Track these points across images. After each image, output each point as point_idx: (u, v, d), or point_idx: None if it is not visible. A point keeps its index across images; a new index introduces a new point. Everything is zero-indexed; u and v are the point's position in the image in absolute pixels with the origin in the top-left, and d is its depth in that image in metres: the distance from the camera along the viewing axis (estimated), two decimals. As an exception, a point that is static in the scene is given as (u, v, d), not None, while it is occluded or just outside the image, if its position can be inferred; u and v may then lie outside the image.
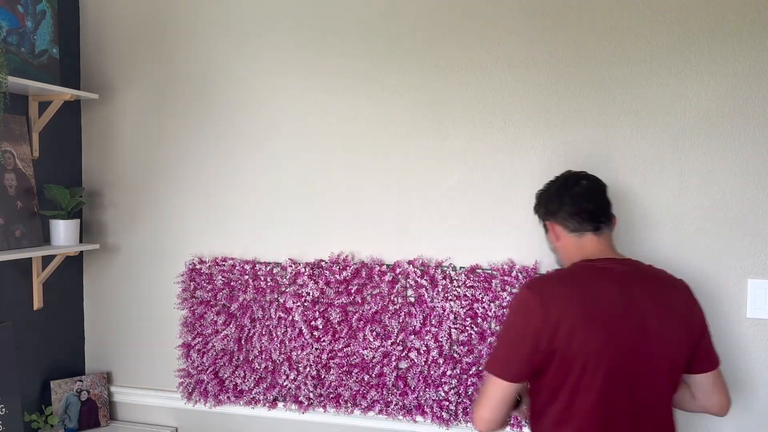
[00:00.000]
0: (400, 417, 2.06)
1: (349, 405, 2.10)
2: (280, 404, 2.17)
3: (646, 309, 1.46)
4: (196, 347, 2.23)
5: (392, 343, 2.05)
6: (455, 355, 2.01)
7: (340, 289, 2.09)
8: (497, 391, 1.48)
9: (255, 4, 2.18)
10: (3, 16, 1.94)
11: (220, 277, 2.19)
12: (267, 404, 2.18)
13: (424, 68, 2.04)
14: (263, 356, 2.16)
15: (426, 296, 2.02)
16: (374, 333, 2.06)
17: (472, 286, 1.99)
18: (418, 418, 2.05)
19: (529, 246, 1.98)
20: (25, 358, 2.13)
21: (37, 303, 2.16)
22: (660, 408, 1.50)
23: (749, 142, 1.83)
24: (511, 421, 1.95)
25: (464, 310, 1.99)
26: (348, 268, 2.08)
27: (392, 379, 2.05)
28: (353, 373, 2.09)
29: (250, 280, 2.16)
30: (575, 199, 1.59)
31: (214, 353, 2.21)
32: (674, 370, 1.51)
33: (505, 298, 1.95)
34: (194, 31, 2.24)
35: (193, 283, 2.23)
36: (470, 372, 2.00)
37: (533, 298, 1.46)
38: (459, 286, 2.00)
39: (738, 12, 1.82)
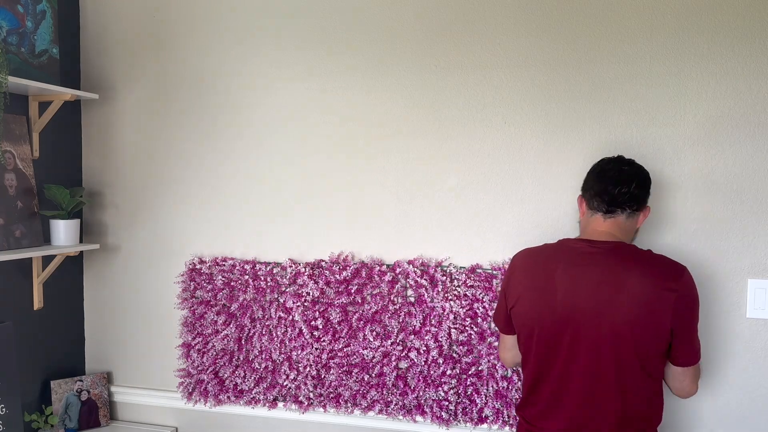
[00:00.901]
0: (400, 417, 2.06)
1: (349, 405, 2.10)
2: (280, 404, 2.17)
3: (593, 289, 1.54)
4: (196, 347, 2.23)
5: (392, 343, 2.05)
6: (455, 354, 2.01)
7: (340, 289, 2.09)
8: (502, 338, 1.80)
9: (255, 4, 2.18)
10: (3, 16, 1.94)
11: (220, 277, 2.19)
12: (267, 404, 2.18)
13: (424, 68, 2.04)
14: (263, 356, 2.16)
15: (426, 296, 2.02)
16: (374, 333, 2.06)
17: (472, 286, 1.99)
18: (418, 417, 2.05)
19: (530, 245, 1.97)
20: (25, 358, 2.13)
21: (37, 303, 2.17)
22: (597, 387, 1.55)
23: (749, 142, 1.83)
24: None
25: (464, 310, 1.99)
26: (348, 268, 2.08)
27: (392, 379, 2.05)
28: (353, 373, 2.09)
29: (250, 280, 2.16)
30: (602, 182, 1.63)
31: (214, 353, 2.21)
32: (623, 355, 1.52)
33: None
34: (194, 31, 2.24)
35: (193, 283, 2.23)
36: (470, 372, 2.00)
37: (511, 264, 1.72)
38: (459, 286, 2.00)
39: (738, 12, 1.82)
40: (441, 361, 2.01)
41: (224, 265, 2.20)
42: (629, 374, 1.54)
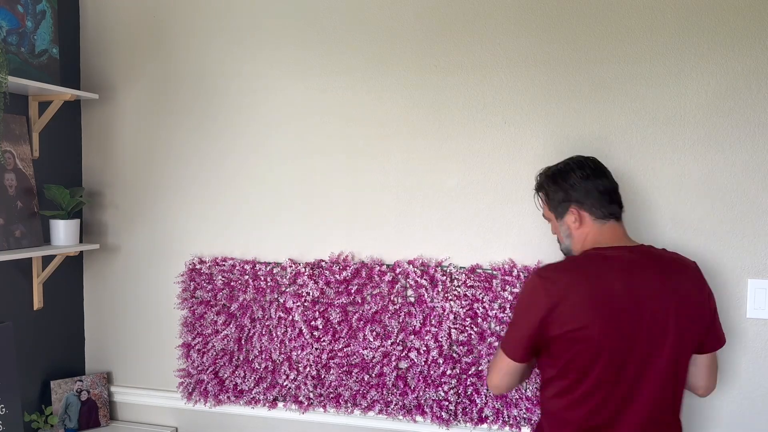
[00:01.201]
0: (400, 417, 2.06)
1: (349, 405, 2.10)
2: (280, 404, 2.17)
3: (650, 299, 1.47)
4: (196, 347, 2.23)
5: (392, 343, 2.05)
6: (455, 355, 2.01)
7: (340, 289, 2.09)
8: (504, 366, 1.59)
9: (254, 4, 2.18)
10: (3, 16, 1.94)
11: (220, 277, 2.19)
12: (267, 404, 2.18)
13: (424, 68, 2.04)
14: (263, 356, 2.16)
15: (426, 296, 2.02)
16: (374, 333, 2.06)
17: (472, 286, 1.99)
18: (418, 417, 2.05)
19: (530, 245, 1.98)
20: (25, 358, 2.13)
21: (37, 303, 2.17)
22: (663, 396, 1.50)
23: (749, 142, 1.83)
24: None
25: (464, 310, 1.99)
26: (348, 268, 2.08)
27: (392, 379, 2.05)
28: (353, 373, 2.09)
29: (250, 280, 2.16)
30: (606, 188, 1.60)
31: (214, 353, 2.21)
32: (681, 358, 1.51)
33: (507, 297, 1.95)
34: (194, 30, 2.24)
35: (193, 283, 2.23)
36: (470, 372, 2.00)
37: (540, 284, 1.51)
38: (459, 286, 2.00)
39: (738, 11, 1.82)
40: (441, 361, 2.01)
41: (224, 265, 2.20)
42: (682, 382, 1.54)
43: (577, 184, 1.61)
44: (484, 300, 1.98)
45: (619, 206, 1.62)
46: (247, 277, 2.17)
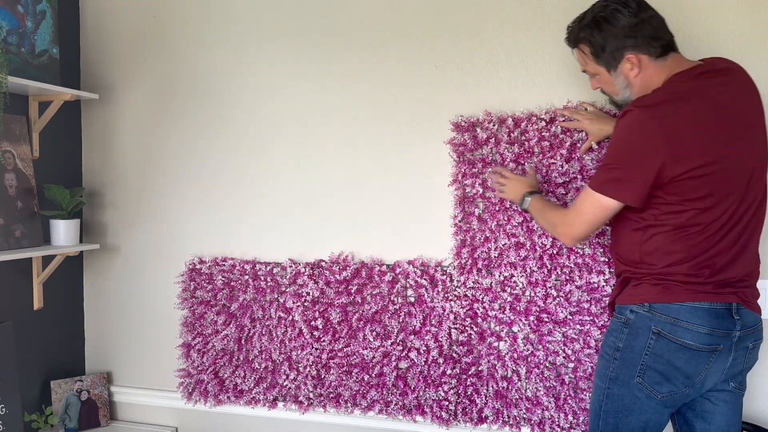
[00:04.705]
0: (400, 417, 2.06)
1: (349, 405, 2.10)
2: (280, 404, 2.17)
3: (748, 108, 1.48)
4: (196, 347, 2.23)
5: (392, 343, 2.05)
6: (455, 355, 2.01)
7: (340, 289, 2.09)
8: (602, 213, 1.49)
9: (255, 4, 2.18)
10: (3, 16, 1.94)
11: (220, 277, 2.19)
12: (267, 404, 2.18)
13: (424, 68, 2.04)
14: (263, 356, 2.16)
15: (426, 296, 2.02)
16: (374, 333, 2.06)
17: (472, 287, 1.99)
18: (418, 417, 2.05)
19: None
20: (25, 358, 2.13)
21: (37, 303, 2.17)
22: (760, 211, 1.51)
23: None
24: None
25: (464, 310, 1.99)
26: (348, 268, 2.08)
27: (392, 379, 2.05)
28: (353, 373, 2.09)
29: (250, 280, 2.17)
30: (658, 21, 1.50)
31: (214, 353, 2.21)
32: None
33: (506, 298, 1.95)
34: (194, 31, 2.24)
35: (193, 283, 2.23)
36: (470, 372, 2.00)
37: (651, 121, 1.41)
38: (459, 286, 2.00)
39: (737, 12, 1.82)
40: (441, 361, 2.01)
41: (224, 265, 2.20)
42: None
43: (629, 26, 1.48)
44: (484, 300, 1.98)
45: (671, 36, 1.52)
46: (247, 277, 2.17)
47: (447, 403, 2.01)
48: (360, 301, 2.07)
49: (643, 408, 1.51)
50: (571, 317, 1.91)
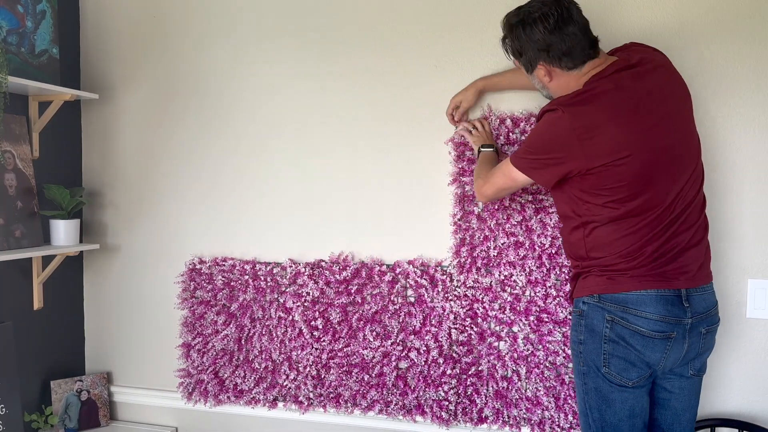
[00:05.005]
0: (400, 417, 2.06)
1: (349, 405, 2.10)
2: (280, 404, 2.17)
3: (667, 96, 1.51)
4: (196, 347, 2.23)
5: (392, 343, 2.05)
6: (455, 355, 2.01)
7: (340, 289, 2.09)
8: (509, 184, 1.65)
9: (255, 4, 2.18)
10: (3, 16, 1.94)
11: (220, 277, 2.19)
12: (267, 404, 2.18)
13: (424, 68, 2.04)
14: (263, 356, 2.16)
15: (426, 296, 2.02)
16: (374, 333, 2.06)
17: (472, 287, 1.99)
18: (418, 417, 2.05)
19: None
20: (25, 358, 2.13)
21: (37, 303, 2.17)
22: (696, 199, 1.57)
23: (749, 142, 1.83)
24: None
25: (464, 310, 1.99)
26: (348, 268, 2.08)
27: (392, 379, 2.05)
28: (353, 373, 2.09)
29: (250, 280, 2.17)
30: (576, 38, 1.52)
31: (214, 353, 2.21)
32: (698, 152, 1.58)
33: (506, 298, 1.95)
34: (194, 31, 2.24)
35: (193, 283, 2.23)
36: (470, 372, 2.00)
37: (566, 116, 1.48)
38: (459, 286, 2.00)
39: (737, 11, 1.82)
40: (441, 361, 2.01)
41: (224, 265, 2.20)
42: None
43: (542, 41, 1.51)
44: (484, 300, 1.98)
45: (594, 44, 1.55)
46: (247, 277, 2.17)
47: (447, 403, 2.01)
48: (360, 301, 2.07)
49: (622, 396, 1.55)
50: (570, 317, 1.91)
